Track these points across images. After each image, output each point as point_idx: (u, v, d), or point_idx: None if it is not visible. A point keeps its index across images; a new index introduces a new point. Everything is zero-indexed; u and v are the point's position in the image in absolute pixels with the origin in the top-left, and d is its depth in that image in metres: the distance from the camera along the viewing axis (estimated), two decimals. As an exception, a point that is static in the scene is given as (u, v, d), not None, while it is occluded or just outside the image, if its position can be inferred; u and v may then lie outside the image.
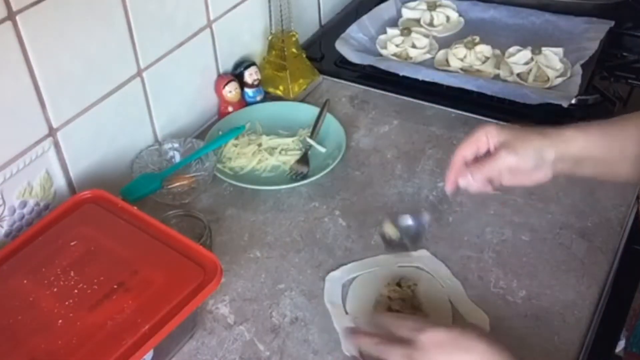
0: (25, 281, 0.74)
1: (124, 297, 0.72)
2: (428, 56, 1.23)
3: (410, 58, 1.22)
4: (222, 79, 1.13)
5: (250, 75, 1.14)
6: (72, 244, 0.78)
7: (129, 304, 0.71)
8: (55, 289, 0.73)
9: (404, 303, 0.80)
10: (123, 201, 0.84)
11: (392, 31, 1.27)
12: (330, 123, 1.09)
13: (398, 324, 0.72)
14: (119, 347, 0.67)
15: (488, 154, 0.79)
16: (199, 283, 0.73)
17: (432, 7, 1.33)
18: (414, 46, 1.24)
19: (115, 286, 0.73)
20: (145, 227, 0.80)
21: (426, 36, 1.26)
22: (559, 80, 1.12)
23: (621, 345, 1.43)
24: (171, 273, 0.74)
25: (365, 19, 1.30)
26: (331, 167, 1.00)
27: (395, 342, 0.70)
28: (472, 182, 0.79)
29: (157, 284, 0.73)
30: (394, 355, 0.69)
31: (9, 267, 0.76)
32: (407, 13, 1.34)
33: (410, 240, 0.84)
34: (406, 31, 1.25)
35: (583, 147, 0.79)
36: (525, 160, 0.77)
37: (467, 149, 0.81)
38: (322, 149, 1.05)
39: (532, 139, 0.78)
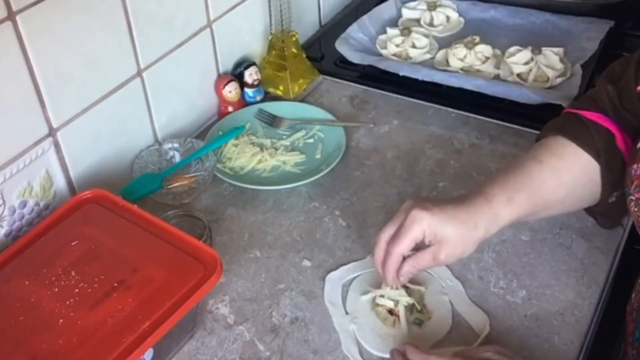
0: (26, 282, 0.74)
1: (125, 295, 0.72)
2: (428, 56, 1.23)
3: (410, 58, 1.22)
4: (222, 79, 1.13)
5: (250, 75, 1.14)
6: (73, 244, 0.78)
7: (129, 301, 0.71)
8: (56, 289, 0.73)
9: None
10: (124, 200, 0.84)
11: (392, 31, 1.27)
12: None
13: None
14: (119, 345, 0.67)
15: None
16: (199, 278, 0.73)
17: (432, 7, 1.33)
18: (414, 46, 1.24)
19: (115, 284, 0.73)
20: (145, 225, 0.80)
21: (426, 36, 1.26)
22: (559, 80, 1.12)
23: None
24: (171, 269, 0.74)
25: (365, 19, 1.30)
26: (331, 167, 1.00)
27: None
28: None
29: (158, 280, 0.73)
30: None
31: (11, 269, 0.76)
32: (407, 13, 1.34)
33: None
34: (406, 31, 1.25)
35: (509, 219, 0.75)
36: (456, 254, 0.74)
37: (405, 247, 0.74)
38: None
39: (463, 239, 0.73)
